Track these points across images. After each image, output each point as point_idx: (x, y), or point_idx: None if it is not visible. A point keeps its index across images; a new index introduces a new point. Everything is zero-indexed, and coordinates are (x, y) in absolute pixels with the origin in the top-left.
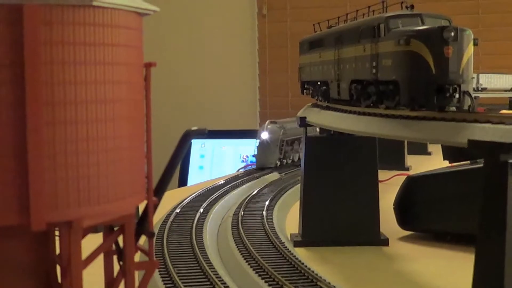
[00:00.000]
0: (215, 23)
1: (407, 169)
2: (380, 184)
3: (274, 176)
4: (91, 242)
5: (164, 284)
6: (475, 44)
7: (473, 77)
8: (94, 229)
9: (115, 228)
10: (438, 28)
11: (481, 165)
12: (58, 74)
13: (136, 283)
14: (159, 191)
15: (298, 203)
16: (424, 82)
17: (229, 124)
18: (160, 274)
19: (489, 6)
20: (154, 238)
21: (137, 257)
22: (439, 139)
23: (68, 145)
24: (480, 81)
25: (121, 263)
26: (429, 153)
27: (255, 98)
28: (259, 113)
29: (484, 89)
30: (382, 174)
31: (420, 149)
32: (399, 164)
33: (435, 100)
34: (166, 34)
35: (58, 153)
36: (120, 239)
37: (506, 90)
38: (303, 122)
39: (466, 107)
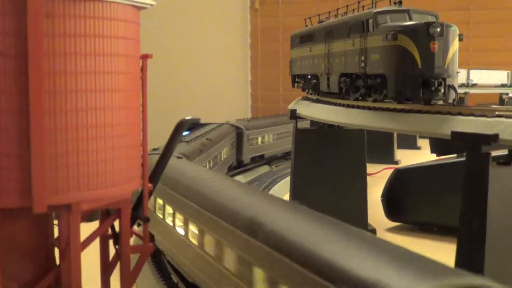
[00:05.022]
0: (208, 17)
1: (396, 162)
2: (369, 177)
3: (265, 168)
4: (88, 231)
5: None
6: (460, 40)
7: (458, 72)
8: (89, 218)
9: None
10: (425, 24)
11: None
12: (59, 65)
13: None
14: (154, 177)
15: (288, 195)
16: (410, 76)
17: (221, 117)
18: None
19: (480, 3)
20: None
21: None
22: (424, 131)
23: (69, 133)
24: (471, 77)
25: (117, 247)
26: (419, 148)
27: (247, 92)
28: (250, 107)
29: (474, 85)
30: (372, 168)
31: (410, 143)
32: (388, 158)
33: (421, 94)
34: (158, 27)
35: (59, 140)
36: (116, 224)
37: (496, 86)
38: (293, 114)
39: (451, 101)
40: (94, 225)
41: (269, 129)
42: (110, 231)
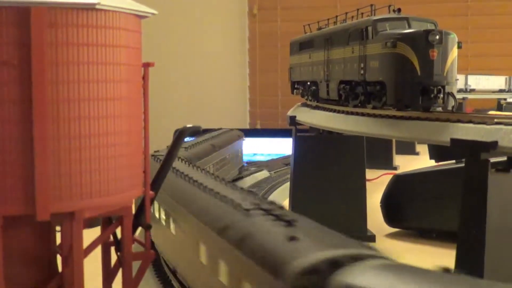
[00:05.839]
0: (206, 22)
1: (395, 168)
2: (368, 183)
3: (264, 174)
4: (89, 237)
5: None
6: (459, 47)
7: (457, 79)
8: (90, 224)
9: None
10: (424, 32)
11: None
12: (62, 74)
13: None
14: (155, 185)
15: (287, 201)
16: (409, 83)
17: (219, 123)
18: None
19: (478, 8)
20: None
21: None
22: (423, 138)
23: (72, 141)
24: (469, 82)
25: (118, 254)
26: (417, 153)
27: (245, 97)
28: (249, 112)
29: (472, 90)
30: (371, 173)
31: (408, 149)
32: (387, 163)
33: (420, 101)
34: (155, 33)
35: (62, 148)
36: (118, 231)
37: (494, 91)
38: (293, 121)
39: (450, 108)
40: (94, 231)
41: (211, 157)
42: (112, 238)
